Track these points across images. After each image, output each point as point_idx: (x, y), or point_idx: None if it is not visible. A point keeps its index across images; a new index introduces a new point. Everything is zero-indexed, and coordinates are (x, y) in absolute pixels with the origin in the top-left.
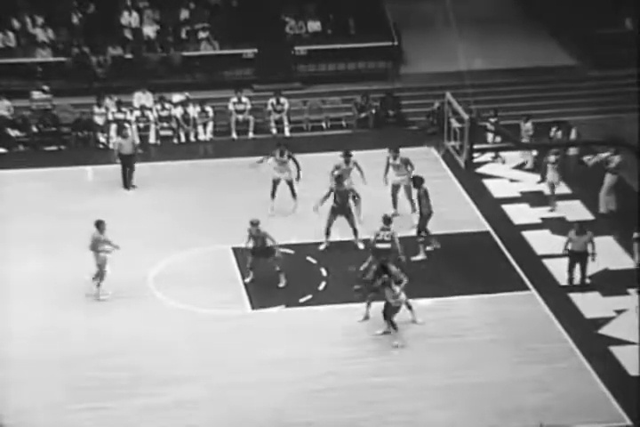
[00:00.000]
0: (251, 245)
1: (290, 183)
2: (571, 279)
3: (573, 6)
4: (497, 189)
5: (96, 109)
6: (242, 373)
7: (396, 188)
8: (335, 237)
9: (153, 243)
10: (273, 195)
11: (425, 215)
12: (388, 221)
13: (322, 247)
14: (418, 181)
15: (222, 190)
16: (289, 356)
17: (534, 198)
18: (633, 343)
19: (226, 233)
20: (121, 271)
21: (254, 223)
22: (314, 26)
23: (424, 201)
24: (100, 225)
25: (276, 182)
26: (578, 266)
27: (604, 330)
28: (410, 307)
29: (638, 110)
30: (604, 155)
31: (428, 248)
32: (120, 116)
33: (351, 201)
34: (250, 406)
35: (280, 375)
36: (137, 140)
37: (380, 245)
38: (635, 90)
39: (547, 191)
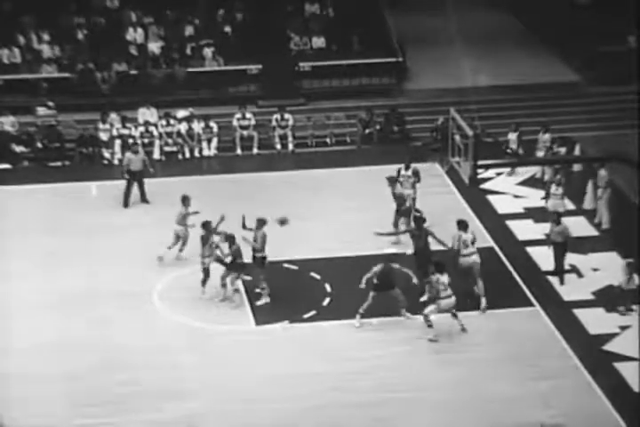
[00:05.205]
0: (229, 260)
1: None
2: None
3: (576, 23)
4: (501, 204)
5: (100, 125)
6: (245, 388)
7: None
8: (341, 253)
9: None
10: None
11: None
12: (466, 226)
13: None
14: (420, 221)
15: (226, 206)
16: (292, 371)
17: (538, 214)
18: (637, 360)
19: None
20: (126, 286)
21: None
22: (318, 42)
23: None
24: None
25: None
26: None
27: (609, 346)
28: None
29: (638, 126)
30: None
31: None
32: (124, 131)
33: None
34: (253, 422)
35: (283, 391)
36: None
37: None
38: (637, 106)
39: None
